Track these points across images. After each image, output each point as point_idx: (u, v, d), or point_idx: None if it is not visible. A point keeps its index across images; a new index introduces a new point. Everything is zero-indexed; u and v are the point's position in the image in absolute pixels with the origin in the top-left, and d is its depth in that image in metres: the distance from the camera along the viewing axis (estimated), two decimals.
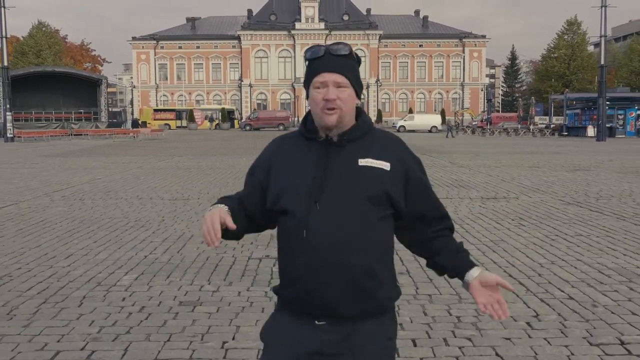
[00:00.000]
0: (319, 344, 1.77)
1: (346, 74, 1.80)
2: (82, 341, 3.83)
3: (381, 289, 1.80)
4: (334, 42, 1.90)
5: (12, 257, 6.12)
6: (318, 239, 1.75)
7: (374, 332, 1.79)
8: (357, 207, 1.76)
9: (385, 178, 1.80)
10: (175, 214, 8.83)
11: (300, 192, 1.78)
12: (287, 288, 1.83)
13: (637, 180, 13.37)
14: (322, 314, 1.77)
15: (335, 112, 1.77)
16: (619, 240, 6.82)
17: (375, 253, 1.79)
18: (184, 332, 3.97)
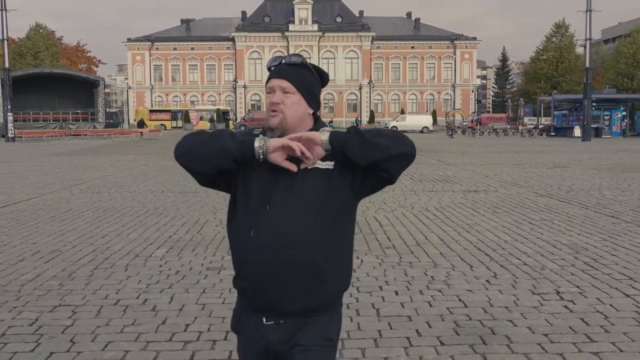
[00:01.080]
0: (268, 342, 1.90)
1: (292, 81, 1.91)
2: (135, 293, 4.86)
3: (327, 286, 1.89)
4: (292, 54, 2.03)
5: (55, 238, 7.13)
6: (265, 239, 1.83)
7: (316, 330, 1.89)
8: (306, 208, 1.85)
9: (331, 177, 1.88)
10: (188, 204, 9.86)
11: (252, 195, 1.88)
12: (240, 283, 1.94)
13: (608, 176, 14.50)
14: (269, 311, 1.88)
15: (277, 114, 1.89)
16: (577, 224, 7.90)
17: (323, 249, 1.86)
18: (214, 287, 5.00)
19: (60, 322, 4.21)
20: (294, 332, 1.87)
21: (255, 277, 1.85)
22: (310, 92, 1.94)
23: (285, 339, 1.87)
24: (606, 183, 12.84)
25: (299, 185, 1.86)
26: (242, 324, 1.97)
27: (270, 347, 1.89)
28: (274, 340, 1.88)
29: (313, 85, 1.97)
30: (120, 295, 4.81)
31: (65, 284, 5.15)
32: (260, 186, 1.87)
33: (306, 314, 1.87)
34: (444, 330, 4.01)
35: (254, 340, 1.92)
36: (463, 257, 6.05)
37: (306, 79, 1.94)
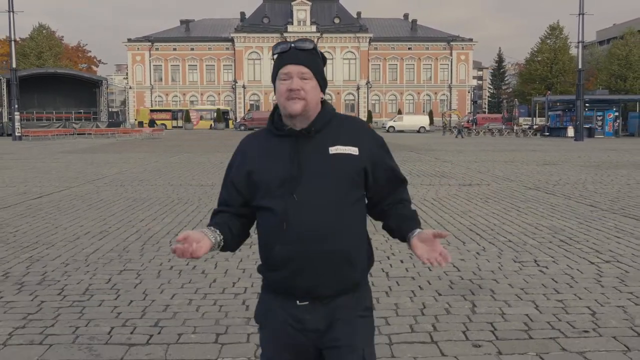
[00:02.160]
0: (303, 322, 1.91)
1: (309, 66, 1.90)
2: (184, 261, 5.82)
3: (356, 268, 1.94)
4: (299, 39, 2.00)
5: (98, 222, 8.10)
6: (298, 230, 1.84)
7: (352, 305, 1.94)
8: (333, 195, 1.87)
9: (356, 162, 1.90)
10: (209, 195, 10.82)
11: (276, 187, 1.88)
12: (270, 273, 1.94)
13: (594, 172, 15.52)
14: (304, 296, 1.90)
15: (299, 101, 1.87)
16: (558, 211, 8.91)
17: (351, 236, 1.91)
18: (249, 257, 5.97)
19: (129, 281, 5.19)
20: (329, 309, 1.91)
21: (287, 266, 1.87)
22: (323, 77, 1.97)
23: (321, 316, 1.91)
24: (591, 178, 13.86)
25: (323, 171, 1.88)
26: (270, 313, 1.98)
27: (307, 327, 1.92)
28: (310, 319, 1.91)
29: (323, 70, 1.99)
30: (172, 263, 5.79)
31: (122, 255, 6.13)
32: (283, 176, 1.88)
33: (338, 296, 1.92)
34: (441, 286, 5.00)
35: (285, 325, 1.94)
36: (457, 235, 7.04)
37: (319, 64, 1.96)
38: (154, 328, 4.05)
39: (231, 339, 3.86)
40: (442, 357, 3.59)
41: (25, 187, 12.25)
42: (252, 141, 2.04)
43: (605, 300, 4.59)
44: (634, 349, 3.65)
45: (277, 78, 1.92)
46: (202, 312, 4.38)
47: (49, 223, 8.01)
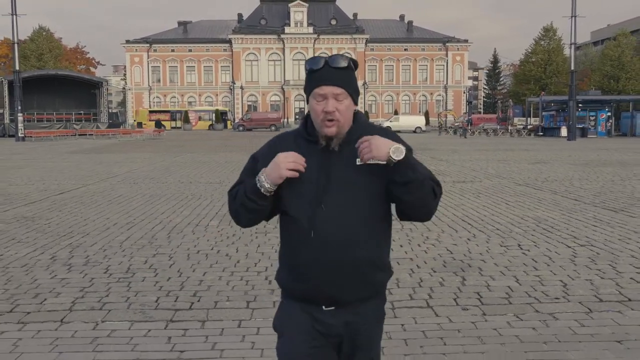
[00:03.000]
0: (326, 327, 1.98)
1: (344, 86, 1.92)
2: (209, 247, 6.58)
3: (379, 276, 2.02)
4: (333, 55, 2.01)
5: (123, 214, 8.83)
6: (324, 239, 1.90)
7: (372, 313, 2.04)
8: (359, 206, 1.92)
9: (381, 172, 1.91)
10: (220, 191, 11.55)
11: (304, 196, 1.92)
12: (294, 282, 2.00)
13: (581, 169, 16.32)
14: (329, 302, 1.97)
15: (334, 123, 1.91)
16: (544, 204, 9.68)
17: (375, 245, 1.97)
18: (266, 243, 6.72)
19: (163, 262, 5.93)
20: (352, 315, 2.00)
21: (316, 276, 1.93)
22: (357, 92, 2.00)
23: (345, 322, 1.99)
24: (578, 175, 14.66)
25: (351, 182, 1.93)
26: (292, 320, 2.03)
27: (331, 332, 1.99)
28: (334, 324, 1.99)
29: (356, 83, 2.01)
30: (199, 248, 6.54)
31: (152, 242, 6.87)
32: (311, 186, 1.92)
33: (361, 302, 2.01)
34: (436, 265, 5.76)
35: (309, 330, 1.99)
36: (450, 225, 7.81)
37: (353, 80, 1.98)
38: (194, 297, 4.80)
39: (259, 304, 4.61)
40: (436, 317, 4.35)
41: (43, 184, 12.96)
42: (285, 140, 2.06)
43: (576, 275, 5.36)
44: (595, 311, 4.42)
45: (312, 96, 1.96)
46: (232, 285, 5.13)
47: (77, 216, 8.74)
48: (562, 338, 3.90)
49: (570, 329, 4.05)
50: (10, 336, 4.00)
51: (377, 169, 1.91)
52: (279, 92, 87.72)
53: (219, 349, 3.76)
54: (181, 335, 3.99)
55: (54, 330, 4.10)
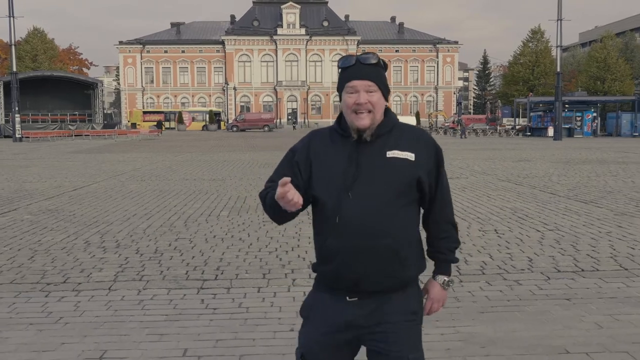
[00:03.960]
0: (350, 317, 2.02)
1: (375, 80, 2.01)
2: (223, 232, 7.45)
3: (405, 268, 2.02)
4: (363, 53, 2.10)
5: (139, 207, 9.68)
6: (349, 225, 1.96)
7: (399, 306, 2.03)
8: (385, 196, 1.97)
9: (411, 167, 2.00)
10: (223, 187, 12.42)
11: (332, 183, 2.00)
12: (322, 266, 2.08)
13: (562, 167, 17.31)
14: (353, 290, 2.01)
15: (367, 115, 1.99)
16: (522, 197, 10.62)
17: (400, 235, 1.99)
18: (273, 230, 7.58)
19: (185, 245, 6.80)
20: (376, 307, 2.02)
21: (339, 260, 1.98)
22: (386, 87, 2.06)
23: (368, 313, 2.01)
24: (557, 172, 15.64)
25: (379, 173, 1.98)
26: (317, 307, 2.09)
27: (354, 323, 2.02)
28: (358, 314, 2.01)
29: (386, 79, 2.09)
30: (214, 233, 7.41)
31: (172, 229, 7.73)
32: (340, 174, 1.99)
33: (386, 293, 2.02)
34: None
35: (332, 319, 2.04)
36: None
37: (382, 76, 2.06)
38: (217, 271, 5.67)
39: (273, 276, 5.49)
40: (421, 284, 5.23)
41: (55, 182, 13.76)
42: (319, 135, 2.15)
43: (541, 253, 6.28)
44: (552, 279, 5.33)
45: (344, 91, 2.04)
46: (249, 262, 6.00)
47: (96, 209, 9.58)
48: (522, 297, 4.81)
49: (530, 291, 4.96)
50: (69, 300, 4.85)
51: (405, 166, 2.01)
52: (271, 93, 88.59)
53: (245, 306, 4.63)
54: (212, 298, 4.86)
55: (105, 296, 4.95)
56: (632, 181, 13.32)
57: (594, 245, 6.61)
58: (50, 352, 3.77)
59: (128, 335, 4.05)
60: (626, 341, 3.86)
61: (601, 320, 4.25)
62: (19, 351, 3.78)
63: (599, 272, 5.53)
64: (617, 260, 5.98)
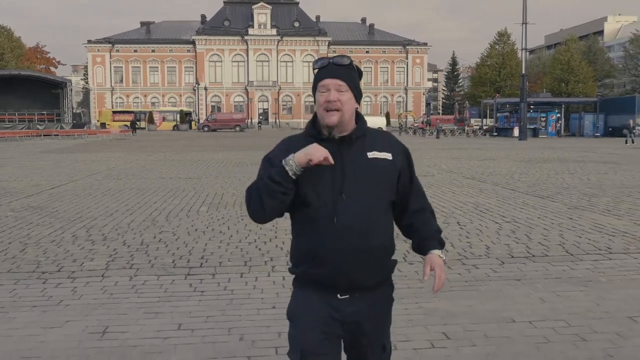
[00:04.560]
0: (342, 314, 2.10)
1: (346, 80, 2.08)
2: (204, 226, 7.90)
3: (391, 261, 2.20)
4: (337, 55, 2.17)
5: (120, 204, 10.04)
6: (346, 226, 2.03)
7: (383, 298, 2.21)
8: (374, 194, 2.08)
9: (391, 166, 2.13)
10: (200, 185, 12.82)
11: (321, 184, 2.05)
12: (313, 268, 2.09)
13: (524, 165, 18.13)
14: (347, 289, 2.08)
15: (336, 113, 2.05)
16: (484, 193, 11.28)
17: (386, 232, 2.15)
18: (252, 223, 8.05)
19: (169, 237, 7.22)
20: (366, 302, 2.11)
21: (336, 262, 2.03)
22: (358, 89, 2.13)
23: (359, 309, 2.10)
24: (519, 170, 16.42)
25: (364, 173, 2.07)
26: (306, 307, 2.13)
27: (346, 319, 2.10)
28: (349, 311, 2.09)
29: (358, 82, 2.15)
30: (196, 227, 7.85)
31: (154, 223, 8.15)
32: (330, 177, 2.04)
33: (376, 288, 2.14)
34: None
35: (324, 316, 2.10)
36: None
37: (354, 78, 2.12)
38: (201, 260, 6.13)
39: (254, 263, 5.97)
40: None
41: (31, 181, 13.97)
42: (295, 142, 2.17)
43: (497, 242, 6.89)
44: (506, 263, 5.93)
45: (317, 90, 2.12)
46: (230, 252, 6.47)
47: (78, 205, 9.92)
48: (479, 279, 5.39)
49: (485, 274, 5.54)
50: (66, 286, 5.26)
51: (385, 165, 2.13)
52: (242, 93, 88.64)
53: (230, 289, 5.11)
54: (199, 283, 5.32)
55: (100, 282, 5.37)
56: (587, 178, 14.13)
57: (546, 235, 7.26)
58: (57, 328, 4.20)
59: (126, 314, 4.49)
60: (564, 312, 4.46)
61: (545, 296, 4.85)
62: (27, 328, 4.20)
63: (547, 257, 6.15)
64: (564, 247, 6.62)
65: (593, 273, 5.57)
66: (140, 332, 4.09)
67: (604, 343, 3.86)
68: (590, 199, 10.57)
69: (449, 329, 4.11)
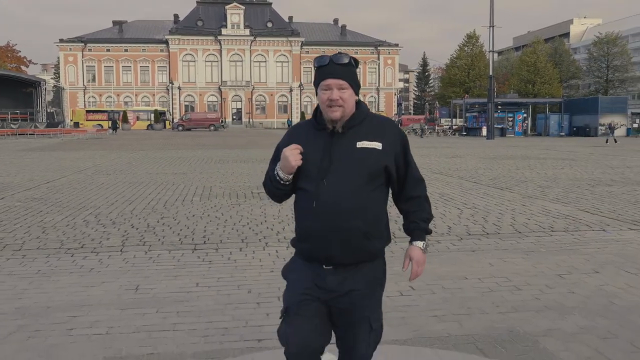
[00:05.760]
0: (325, 281, 2.37)
1: (346, 79, 2.29)
2: (200, 212, 8.84)
3: (372, 243, 2.36)
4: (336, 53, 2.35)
5: (117, 195, 10.90)
6: (324, 208, 2.28)
7: (367, 274, 2.40)
8: (356, 182, 2.28)
9: (378, 155, 2.30)
10: (188, 179, 13.71)
11: (310, 171, 2.31)
12: (300, 243, 2.43)
13: (488, 162, 19.40)
14: (326, 262, 2.36)
15: (339, 109, 2.28)
16: (449, 185, 12.43)
17: (368, 216, 2.31)
18: (244, 209, 9.02)
19: (171, 221, 8.15)
20: (348, 275, 2.36)
21: (317, 239, 2.32)
22: (357, 84, 2.35)
23: (341, 280, 2.36)
24: (483, 166, 17.67)
25: (351, 161, 2.29)
26: (297, 271, 2.46)
27: (328, 286, 2.37)
28: (331, 280, 2.37)
29: (357, 76, 2.36)
30: (193, 213, 8.80)
31: (155, 210, 9.06)
32: (317, 164, 2.30)
33: (357, 264, 2.37)
34: None
35: (309, 281, 2.40)
36: None
37: (354, 74, 2.33)
38: (204, 238, 7.09)
39: (250, 241, 6.95)
40: None
41: (25, 176, 14.68)
42: (299, 129, 2.47)
43: (458, 223, 8.00)
44: (464, 239, 7.02)
45: (319, 88, 2.33)
46: (227, 232, 7.44)
47: (78, 197, 10.75)
48: (440, 250, 6.46)
49: (446, 247, 6.62)
50: (92, 259, 6.16)
51: (374, 153, 2.32)
52: (216, 92, 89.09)
53: (233, 259, 6.08)
54: (205, 255, 6.28)
55: (120, 255, 6.30)
56: (545, 173, 15.42)
57: (500, 218, 8.40)
58: (96, 287, 5.13)
59: (149, 277, 5.44)
60: (507, 272, 5.56)
61: (493, 262, 5.95)
62: (72, 287, 5.12)
63: (499, 235, 7.27)
64: (514, 227, 7.76)
65: (535, 245, 6.70)
66: (166, 288, 5.05)
67: (535, 291, 4.96)
68: (543, 190, 11.79)
69: (414, 284, 5.15)
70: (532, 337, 3.92)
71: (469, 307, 4.54)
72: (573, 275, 5.45)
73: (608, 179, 13.94)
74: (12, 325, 4.15)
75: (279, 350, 3.54)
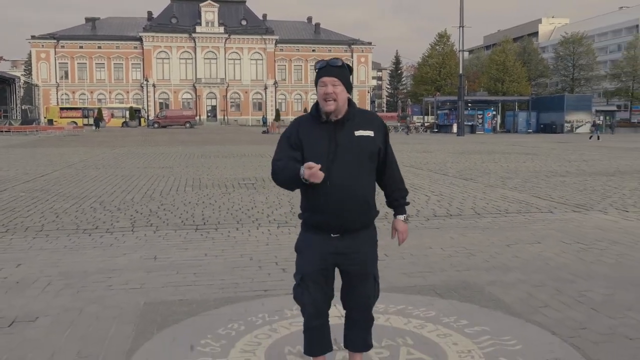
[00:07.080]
0: (335, 247, 2.89)
1: (338, 77, 2.80)
2: (196, 200, 9.78)
3: (371, 212, 2.99)
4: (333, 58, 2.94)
5: (113, 187, 11.76)
6: (336, 184, 2.78)
7: (367, 237, 2.99)
8: (359, 163, 2.83)
9: (372, 141, 2.86)
10: (177, 172, 14.59)
11: (320, 156, 2.77)
12: (314, 216, 2.89)
13: (456, 156, 20.64)
14: (337, 230, 2.87)
15: (333, 102, 2.78)
16: (419, 177, 13.55)
17: (367, 191, 2.92)
18: (235, 197, 9.98)
19: (171, 207, 9.08)
20: (353, 239, 2.90)
21: (331, 211, 2.81)
22: (348, 83, 2.86)
23: (347, 244, 2.89)
24: (452, 160, 18.88)
25: (351, 147, 2.81)
26: (309, 242, 2.94)
27: (337, 251, 2.89)
28: (340, 245, 2.88)
29: (349, 77, 2.88)
30: (188, 200, 9.74)
31: (153, 199, 9.97)
32: (325, 149, 2.79)
33: (359, 229, 2.92)
34: None
35: (321, 249, 2.90)
36: None
37: (346, 74, 2.84)
38: (203, 220, 8.04)
39: (244, 222, 7.92)
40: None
41: (18, 170, 15.37)
42: (303, 121, 2.94)
43: (425, 207, 9.08)
44: (430, 220, 8.09)
45: (318, 85, 2.82)
46: (223, 216, 8.41)
47: (77, 188, 11.58)
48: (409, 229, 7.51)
49: (415, 226, 7.68)
50: (108, 237, 7.08)
51: (368, 141, 2.85)
52: (190, 90, 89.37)
53: (232, 236, 7.06)
54: (207, 233, 7.24)
55: (132, 234, 7.22)
56: (507, 166, 16.67)
57: (462, 203, 9.53)
58: (119, 257, 6.07)
59: (163, 249, 6.39)
60: (465, 243, 6.65)
61: (454, 236, 7.04)
62: (99, 257, 6.04)
63: (461, 216, 8.38)
64: (475, 210, 8.89)
65: (490, 224, 7.82)
66: (181, 257, 6.02)
67: (485, 256, 6.06)
68: (504, 180, 12.98)
69: (387, 251, 6.20)
70: (480, 286, 5.01)
71: (431, 268, 5.62)
72: (519, 245, 6.57)
73: (563, 171, 15.23)
74: (60, 283, 5.09)
75: (282, 297, 4.61)
